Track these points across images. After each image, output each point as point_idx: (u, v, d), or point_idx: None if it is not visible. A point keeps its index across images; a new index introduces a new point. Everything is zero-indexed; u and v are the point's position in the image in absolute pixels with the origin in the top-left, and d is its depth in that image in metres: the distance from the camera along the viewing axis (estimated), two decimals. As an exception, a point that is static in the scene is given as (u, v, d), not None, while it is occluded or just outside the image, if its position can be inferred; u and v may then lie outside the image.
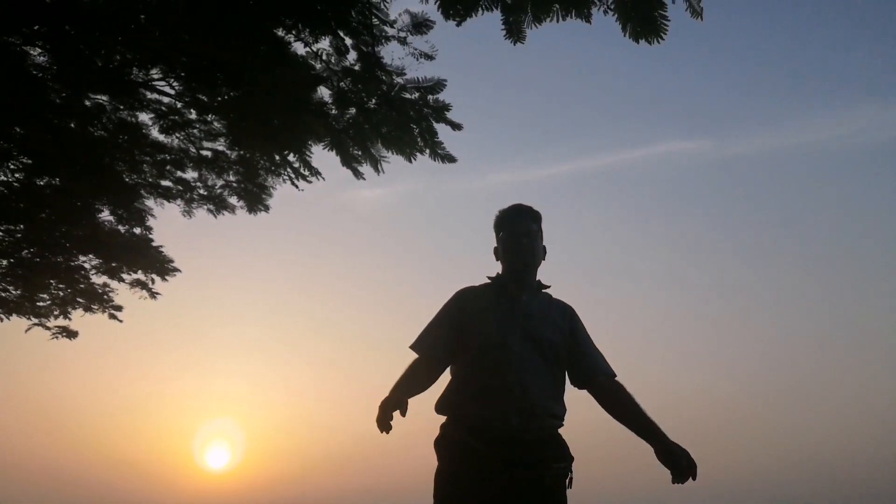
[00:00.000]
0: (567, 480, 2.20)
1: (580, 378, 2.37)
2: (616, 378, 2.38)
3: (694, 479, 2.13)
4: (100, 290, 7.63)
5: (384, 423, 2.16)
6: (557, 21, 3.80)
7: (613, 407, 2.32)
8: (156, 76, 5.12)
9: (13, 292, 7.51)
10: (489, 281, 2.43)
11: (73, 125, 5.45)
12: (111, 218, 6.79)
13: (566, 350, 2.33)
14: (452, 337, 2.33)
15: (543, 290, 2.43)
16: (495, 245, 2.48)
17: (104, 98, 5.29)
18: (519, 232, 2.38)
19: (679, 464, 2.13)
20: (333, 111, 5.00)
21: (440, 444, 2.25)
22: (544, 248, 2.48)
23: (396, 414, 2.18)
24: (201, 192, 6.40)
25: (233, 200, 6.49)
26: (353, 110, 4.88)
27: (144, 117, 5.58)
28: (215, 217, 6.58)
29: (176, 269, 7.51)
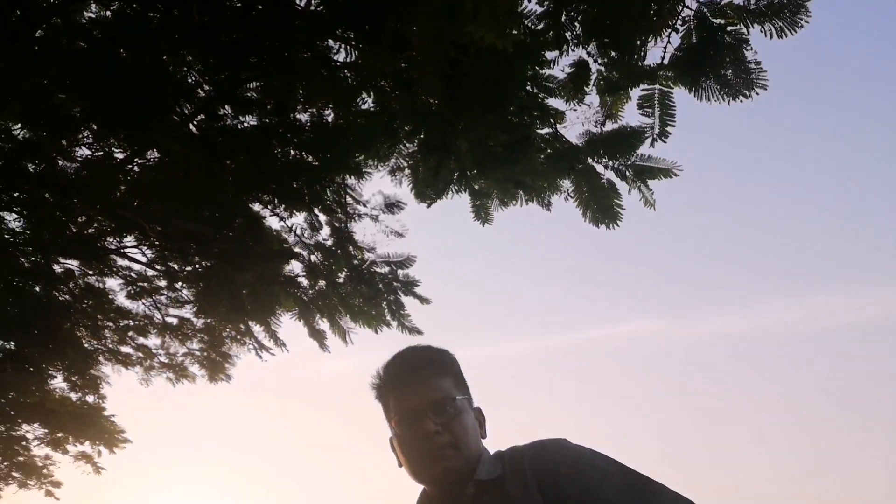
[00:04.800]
0: None
1: None
2: None
3: None
4: (40, 464, 7.13)
5: None
6: (521, 206, 4.00)
7: None
8: (129, 244, 5.19)
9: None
10: None
11: (38, 289, 5.40)
12: (63, 385, 6.52)
13: None
14: None
15: (488, 479, 1.28)
16: (390, 437, 1.40)
17: (74, 263, 5.31)
18: (417, 409, 1.30)
19: None
20: (303, 283, 5.05)
21: None
22: (478, 411, 1.40)
23: None
24: (162, 359, 6.23)
25: (194, 369, 6.31)
26: (322, 283, 4.93)
27: (112, 283, 5.58)
28: (174, 386, 6.35)
29: (127, 440, 7.11)
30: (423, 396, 1.31)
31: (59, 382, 6.51)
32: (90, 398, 6.62)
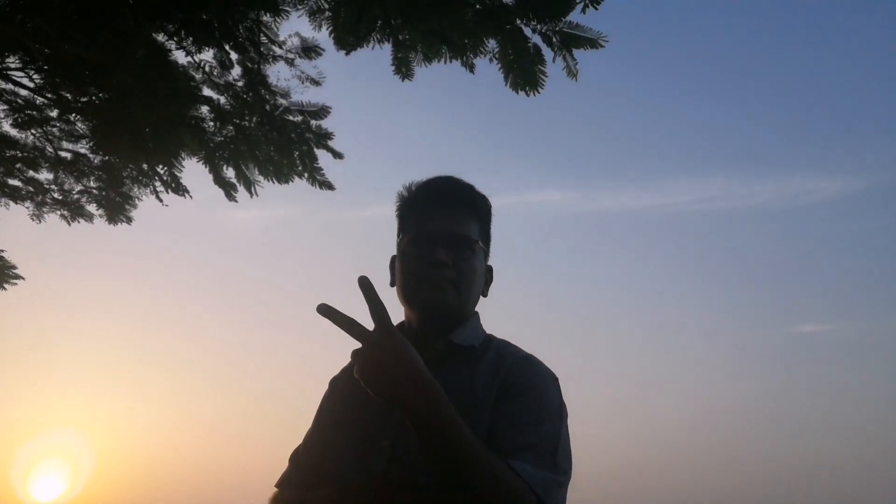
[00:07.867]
0: None
1: None
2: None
3: None
4: (-78, 295, 6.78)
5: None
6: (445, 63, 3.86)
7: None
8: (13, 65, 4.70)
9: None
10: None
11: None
12: (-56, 215, 6.09)
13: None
14: None
15: (461, 345, 1.24)
16: (393, 254, 1.33)
17: (-52, 82, 4.78)
18: (435, 235, 1.23)
19: None
20: (210, 127, 4.79)
21: None
22: (489, 268, 1.34)
23: None
24: (55, 195, 5.88)
25: (91, 208, 6.02)
26: (230, 128, 4.69)
27: (-4, 109, 5.10)
28: (69, 224, 6.06)
29: (18, 277, 6.83)
30: (448, 226, 1.24)
31: (-62, 212, 6.09)
32: (-25, 231, 6.25)
